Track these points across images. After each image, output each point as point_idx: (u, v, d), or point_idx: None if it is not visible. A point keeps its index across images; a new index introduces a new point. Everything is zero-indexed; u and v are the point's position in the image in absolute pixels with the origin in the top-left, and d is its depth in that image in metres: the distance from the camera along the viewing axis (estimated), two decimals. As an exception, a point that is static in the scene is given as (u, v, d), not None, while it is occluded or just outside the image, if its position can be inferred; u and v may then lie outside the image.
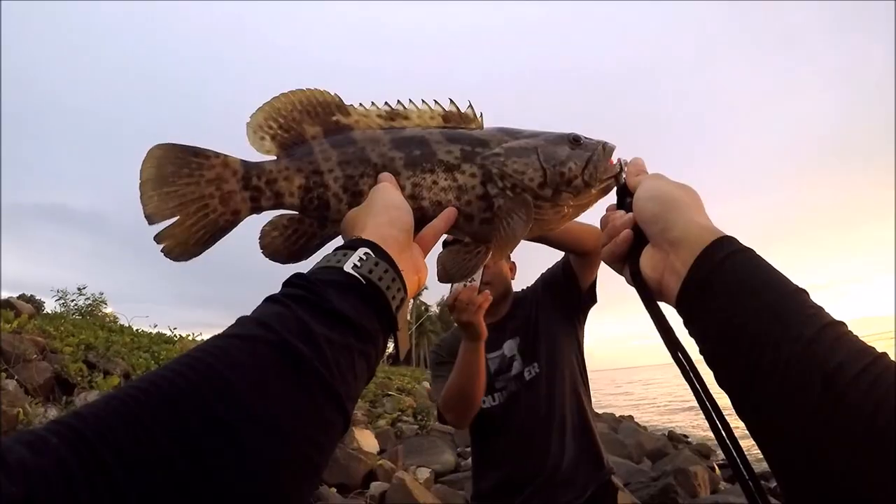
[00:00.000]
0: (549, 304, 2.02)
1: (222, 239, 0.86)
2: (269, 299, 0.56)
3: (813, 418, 0.45)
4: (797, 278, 0.56)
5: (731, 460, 0.60)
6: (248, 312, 0.54)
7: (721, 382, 0.57)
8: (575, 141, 0.88)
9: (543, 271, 2.11)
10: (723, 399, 0.59)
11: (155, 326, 10.52)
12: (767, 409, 0.50)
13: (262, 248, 0.87)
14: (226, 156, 0.85)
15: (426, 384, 12.44)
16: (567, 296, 1.99)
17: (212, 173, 0.84)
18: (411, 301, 0.78)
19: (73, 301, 13.23)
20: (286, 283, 0.58)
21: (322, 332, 0.52)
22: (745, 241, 0.61)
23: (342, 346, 0.54)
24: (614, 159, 0.88)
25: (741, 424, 0.56)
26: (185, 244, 0.81)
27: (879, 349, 0.48)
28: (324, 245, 0.89)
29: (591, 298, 1.99)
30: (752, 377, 0.51)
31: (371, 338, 0.58)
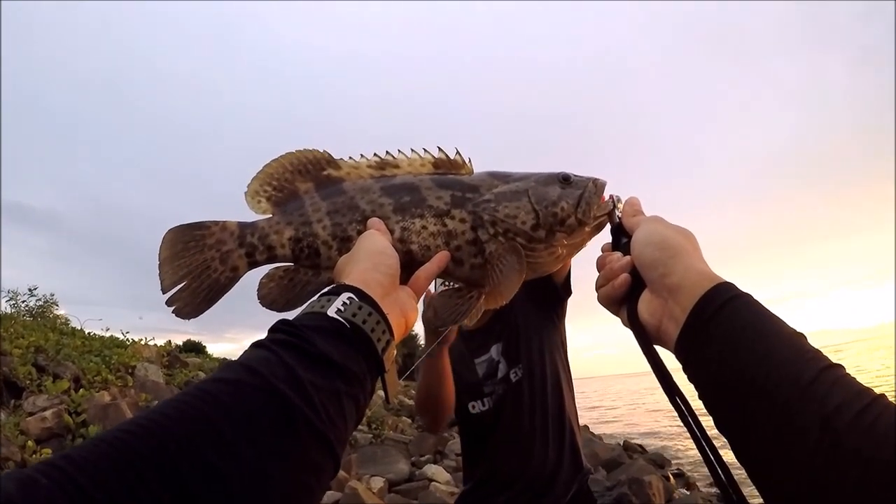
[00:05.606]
0: (526, 304, 2.00)
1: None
2: (256, 345, 0.57)
3: (811, 461, 0.45)
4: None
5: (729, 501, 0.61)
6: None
7: (720, 427, 0.57)
8: (565, 180, 0.90)
9: None
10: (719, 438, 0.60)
11: (107, 330, 9.95)
12: (766, 454, 0.50)
13: (259, 299, 0.91)
14: (225, 221, 0.91)
15: (380, 393, 12.29)
16: (542, 293, 1.97)
17: (212, 239, 0.91)
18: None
19: (24, 302, 12.52)
20: (272, 329, 0.59)
21: (308, 377, 0.53)
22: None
23: (329, 391, 0.54)
24: (606, 195, 0.89)
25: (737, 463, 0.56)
26: (192, 304, 0.89)
27: (837, 361, 0.50)
28: (319, 292, 0.89)
29: (566, 292, 1.99)
30: (750, 422, 0.52)
31: (358, 380, 0.59)
